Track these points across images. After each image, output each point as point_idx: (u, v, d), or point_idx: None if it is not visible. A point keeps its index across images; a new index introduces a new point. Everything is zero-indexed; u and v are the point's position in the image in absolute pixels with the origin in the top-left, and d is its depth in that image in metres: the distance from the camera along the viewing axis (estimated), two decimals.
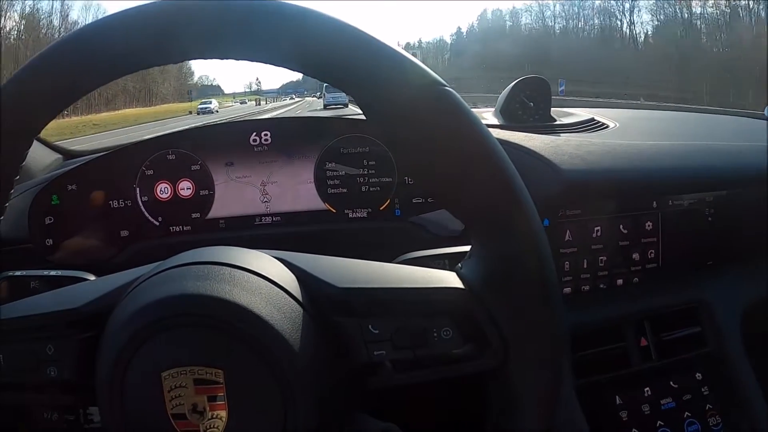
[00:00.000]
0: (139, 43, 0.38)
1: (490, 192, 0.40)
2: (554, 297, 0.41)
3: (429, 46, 51.16)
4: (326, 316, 0.43)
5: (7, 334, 0.44)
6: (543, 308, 0.41)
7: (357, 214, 0.89)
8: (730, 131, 1.15)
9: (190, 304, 0.40)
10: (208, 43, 0.38)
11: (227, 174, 0.88)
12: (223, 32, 0.38)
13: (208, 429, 0.39)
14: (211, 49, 0.38)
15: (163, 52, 0.39)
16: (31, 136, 0.42)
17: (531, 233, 0.40)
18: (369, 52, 0.38)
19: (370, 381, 0.43)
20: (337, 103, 13.54)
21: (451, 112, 0.39)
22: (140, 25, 0.38)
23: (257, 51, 0.39)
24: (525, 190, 0.40)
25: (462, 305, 0.42)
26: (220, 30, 0.38)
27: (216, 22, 0.37)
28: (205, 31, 0.38)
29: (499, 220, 0.40)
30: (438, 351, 0.42)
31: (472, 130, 0.39)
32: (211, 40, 0.38)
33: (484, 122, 0.40)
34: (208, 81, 34.49)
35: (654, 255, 0.86)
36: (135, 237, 0.88)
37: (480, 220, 0.42)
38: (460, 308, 0.42)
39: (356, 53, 0.38)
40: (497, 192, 0.40)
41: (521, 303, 0.41)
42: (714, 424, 0.81)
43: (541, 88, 1.06)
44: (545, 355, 0.42)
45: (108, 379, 0.40)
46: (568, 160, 0.79)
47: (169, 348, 0.39)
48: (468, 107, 0.39)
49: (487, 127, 0.40)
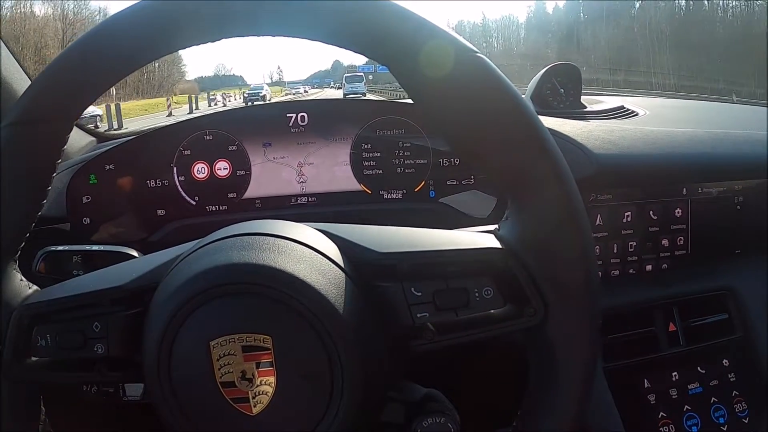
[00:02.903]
0: (179, 24, 0.39)
1: (525, 153, 0.40)
2: (590, 255, 0.42)
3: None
4: (369, 281, 0.44)
5: (55, 313, 0.45)
6: (579, 267, 0.41)
7: (392, 195, 0.90)
8: (761, 121, 1.14)
9: (236, 272, 0.40)
10: (249, 19, 0.39)
11: (264, 155, 0.89)
12: (265, 8, 0.39)
13: (257, 396, 0.40)
14: (251, 25, 0.39)
15: (205, 31, 0.40)
16: (72, 120, 0.43)
17: (565, 194, 0.41)
18: (406, 25, 0.39)
19: (413, 344, 0.43)
20: (356, 93, 13.72)
21: (484, 78, 0.40)
22: (178, 6, 0.39)
23: (297, 26, 0.40)
24: (560, 153, 0.41)
25: (501, 265, 0.43)
26: (262, 7, 0.39)
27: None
28: (245, 8, 0.39)
29: (534, 180, 0.41)
30: (479, 311, 0.43)
31: (505, 93, 0.40)
32: (251, 16, 0.39)
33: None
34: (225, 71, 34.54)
35: (683, 242, 0.86)
36: (171, 216, 0.89)
37: (516, 181, 0.42)
38: (500, 268, 0.43)
39: (394, 26, 0.39)
40: (532, 153, 0.40)
41: (558, 262, 0.42)
42: (740, 410, 0.82)
43: (572, 74, 1.06)
44: (584, 317, 0.42)
45: (156, 351, 0.41)
46: (600, 144, 0.80)
47: (216, 317, 0.40)
48: (500, 72, 0.40)
49: None
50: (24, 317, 0.44)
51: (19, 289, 0.46)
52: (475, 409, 0.63)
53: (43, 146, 0.43)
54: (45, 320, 0.45)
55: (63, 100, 0.41)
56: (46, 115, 0.41)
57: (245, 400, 0.40)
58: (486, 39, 62.10)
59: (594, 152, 0.78)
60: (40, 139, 0.42)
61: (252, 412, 0.40)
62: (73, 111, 0.43)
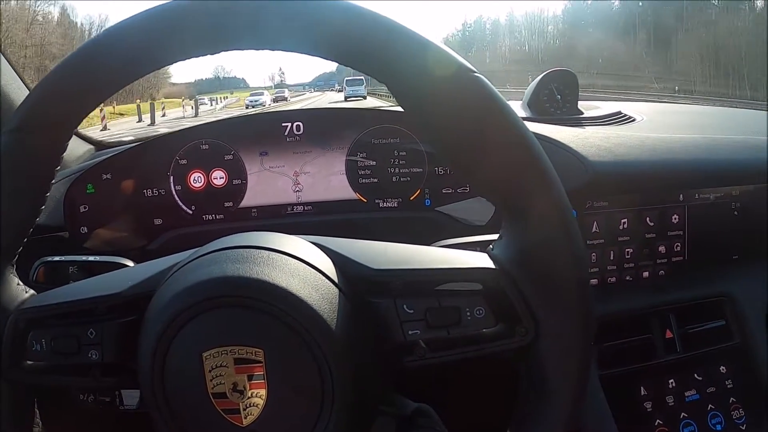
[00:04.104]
0: (180, 35, 0.39)
1: (520, 174, 0.41)
2: (584, 277, 0.42)
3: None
4: (362, 297, 0.44)
5: (50, 318, 0.46)
6: (573, 288, 0.41)
7: (387, 204, 0.90)
8: (758, 126, 1.14)
9: (231, 285, 0.41)
10: (249, 33, 0.39)
11: (261, 164, 0.90)
12: (265, 24, 0.39)
13: (248, 407, 0.40)
14: (250, 40, 0.40)
15: (207, 43, 0.40)
16: (72, 127, 0.43)
17: (560, 214, 0.41)
18: (402, 42, 0.39)
19: (404, 360, 0.43)
20: (357, 96, 13.94)
21: (480, 97, 0.40)
22: (182, 18, 0.39)
23: (294, 41, 0.40)
24: (554, 173, 0.41)
25: (494, 285, 0.43)
26: (262, 22, 0.39)
27: (254, 12, 0.39)
28: (245, 23, 0.39)
29: (528, 201, 0.41)
30: (471, 330, 0.43)
31: (501, 113, 0.40)
32: (251, 31, 0.39)
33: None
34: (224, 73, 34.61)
35: (680, 248, 0.86)
36: (168, 225, 0.89)
37: (510, 202, 0.42)
38: (492, 287, 0.43)
39: (390, 43, 0.39)
40: (527, 174, 0.40)
41: (551, 282, 0.42)
42: (737, 417, 0.82)
43: (568, 80, 1.06)
44: (576, 334, 0.42)
45: (150, 359, 0.41)
46: (595, 152, 0.80)
47: (210, 329, 0.40)
48: (496, 92, 0.40)
49: None
50: (20, 321, 0.45)
51: (16, 293, 0.47)
52: (465, 424, 0.63)
53: (42, 153, 0.43)
54: (40, 325, 0.45)
55: (63, 108, 0.42)
56: (46, 122, 0.42)
57: (236, 412, 0.41)
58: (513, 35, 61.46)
59: (590, 159, 0.78)
60: (40, 146, 0.42)
61: (243, 423, 0.41)
62: (74, 118, 0.43)
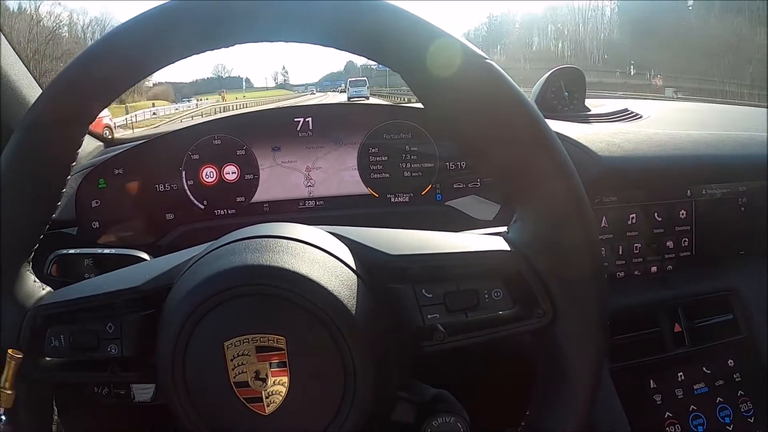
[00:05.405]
0: (191, 31, 0.40)
1: (533, 156, 0.41)
2: (595, 250, 0.43)
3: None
4: (381, 283, 0.44)
5: (68, 314, 0.46)
6: (586, 263, 0.42)
7: (399, 199, 0.91)
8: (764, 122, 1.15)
9: (251, 274, 0.41)
10: (261, 26, 0.40)
11: (273, 159, 0.90)
12: (267, 11, 0.40)
13: (270, 395, 0.41)
14: (261, 32, 0.40)
15: (218, 37, 0.40)
16: (87, 123, 0.44)
17: (573, 196, 0.41)
18: (417, 32, 0.40)
19: (424, 345, 0.44)
20: (360, 96, 13.98)
21: (494, 84, 0.41)
22: (191, 13, 0.40)
23: (311, 33, 0.40)
24: (566, 155, 0.42)
25: (511, 267, 0.43)
26: (282, 14, 0.40)
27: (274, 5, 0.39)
28: (257, 16, 0.40)
29: (542, 183, 0.42)
30: (489, 312, 0.43)
31: (514, 98, 0.41)
32: (263, 23, 0.40)
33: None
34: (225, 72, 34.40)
35: (688, 243, 0.86)
36: (180, 220, 0.90)
37: (526, 185, 0.43)
38: (509, 269, 0.43)
39: (405, 33, 0.40)
40: (540, 156, 0.41)
41: (566, 264, 0.42)
42: (745, 410, 0.82)
43: (576, 78, 1.07)
44: (592, 314, 0.43)
45: (171, 352, 0.41)
46: (605, 147, 0.81)
47: (231, 318, 0.41)
48: (508, 77, 0.41)
49: None
50: (38, 318, 0.45)
51: (33, 290, 0.47)
52: (483, 409, 0.63)
53: (58, 149, 0.43)
54: (59, 321, 0.46)
55: (78, 103, 0.42)
56: (61, 117, 0.42)
57: (258, 400, 0.41)
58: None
59: (598, 155, 0.79)
60: (56, 142, 0.43)
61: (265, 411, 0.41)
62: (89, 114, 0.43)
